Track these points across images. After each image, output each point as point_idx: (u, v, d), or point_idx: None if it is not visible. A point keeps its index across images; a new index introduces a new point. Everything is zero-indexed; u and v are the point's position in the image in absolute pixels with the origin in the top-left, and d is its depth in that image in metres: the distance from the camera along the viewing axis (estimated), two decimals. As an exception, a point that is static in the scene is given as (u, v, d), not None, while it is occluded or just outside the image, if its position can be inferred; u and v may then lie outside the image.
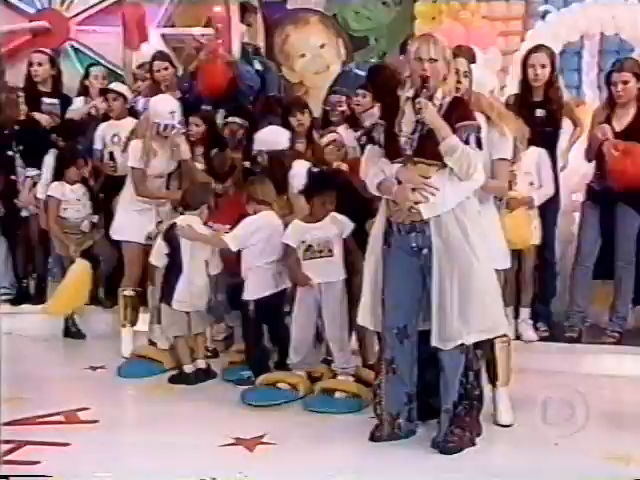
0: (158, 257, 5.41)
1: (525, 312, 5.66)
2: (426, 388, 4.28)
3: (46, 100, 7.02)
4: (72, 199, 6.32)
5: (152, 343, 5.73)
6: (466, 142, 4.02)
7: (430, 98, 4.05)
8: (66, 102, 7.13)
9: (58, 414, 4.71)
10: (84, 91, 7.21)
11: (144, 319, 5.92)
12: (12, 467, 4.01)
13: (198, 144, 6.15)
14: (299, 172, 5.43)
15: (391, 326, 4.20)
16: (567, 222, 6.08)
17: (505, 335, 4.39)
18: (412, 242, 4.10)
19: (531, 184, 5.57)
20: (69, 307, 6.27)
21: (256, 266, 5.09)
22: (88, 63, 8.08)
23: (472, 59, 6.62)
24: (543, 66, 5.68)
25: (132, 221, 5.79)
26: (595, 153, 5.57)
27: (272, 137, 5.73)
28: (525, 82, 5.79)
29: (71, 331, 6.40)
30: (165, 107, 5.78)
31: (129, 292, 5.85)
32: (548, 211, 5.68)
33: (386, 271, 4.19)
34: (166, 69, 6.89)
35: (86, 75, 7.32)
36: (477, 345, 4.21)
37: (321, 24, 9.77)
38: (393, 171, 4.09)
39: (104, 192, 6.52)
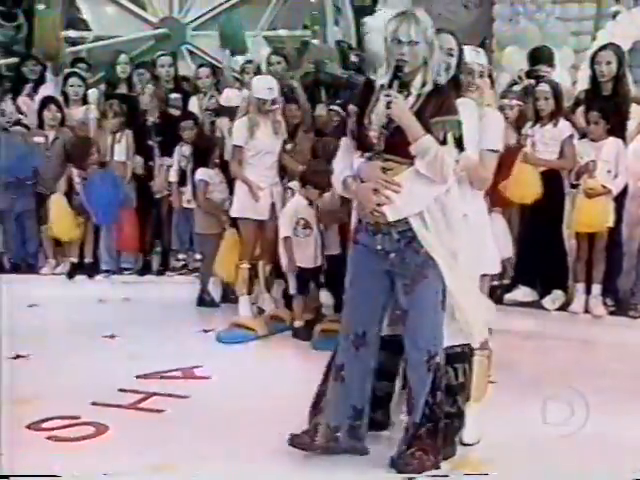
0: (287, 228, 5.49)
1: (597, 288, 5.54)
2: (373, 399, 3.52)
3: (171, 96, 7.19)
4: (217, 182, 6.35)
5: (261, 310, 5.87)
6: (443, 141, 3.22)
7: (406, 87, 3.26)
8: (185, 98, 7.27)
9: (177, 370, 4.81)
10: (194, 89, 7.36)
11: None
12: (143, 414, 4.17)
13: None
14: None
15: (348, 331, 3.42)
16: (635, 205, 5.94)
17: (486, 348, 3.66)
18: (378, 245, 3.33)
19: (609, 172, 5.46)
20: (229, 270, 6.22)
21: None
22: (199, 63, 8.25)
23: (550, 58, 6.60)
24: (609, 63, 5.60)
25: (248, 200, 5.75)
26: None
27: None
28: (594, 78, 5.72)
29: (205, 300, 6.48)
30: (264, 84, 5.81)
31: (245, 265, 5.84)
32: (617, 195, 5.53)
33: (350, 270, 3.46)
34: (279, 63, 7.01)
35: (196, 74, 7.46)
36: (457, 359, 3.50)
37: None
38: (356, 167, 3.35)
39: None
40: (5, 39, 9.30)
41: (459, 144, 3.29)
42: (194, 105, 7.21)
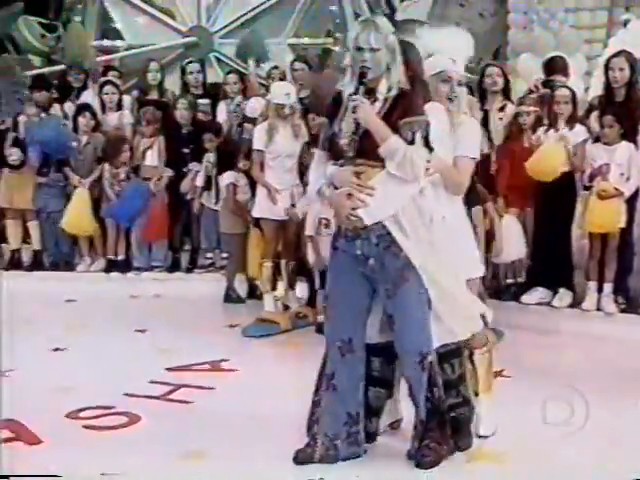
0: (310, 228, 5.50)
1: (608, 287, 5.52)
2: (365, 408, 3.39)
3: (201, 101, 7.22)
4: (242, 184, 6.38)
5: (286, 307, 5.90)
6: (411, 140, 3.12)
7: (372, 92, 3.18)
8: (214, 103, 7.32)
9: (205, 363, 4.84)
10: (223, 95, 7.39)
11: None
12: (173, 404, 4.19)
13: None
14: None
15: (334, 338, 3.30)
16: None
17: (484, 344, 3.58)
18: (357, 250, 3.21)
19: (621, 174, 5.44)
20: (253, 266, 6.28)
21: None
22: (227, 70, 8.29)
23: (564, 68, 6.59)
24: (621, 69, 5.60)
25: (268, 200, 5.76)
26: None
27: None
28: (608, 84, 5.72)
29: (231, 297, 6.51)
30: (281, 89, 5.84)
31: (268, 263, 5.87)
32: (629, 197, 5.50)
33: (331, 278, 3.35)
34: (302, 69, 7.05)
35: (225, 81, 7.52)
36: (452, 356, 3.35)
37: (425, 33, 9.65)
38: (328, 174, 3.25)
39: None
40: (46, 49, 9.45)
41: (427, 144, 3.17)
42: (222, 110, 7.26)
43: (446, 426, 3.31)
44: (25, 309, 6.22)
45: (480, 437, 3.54)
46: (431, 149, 3.18)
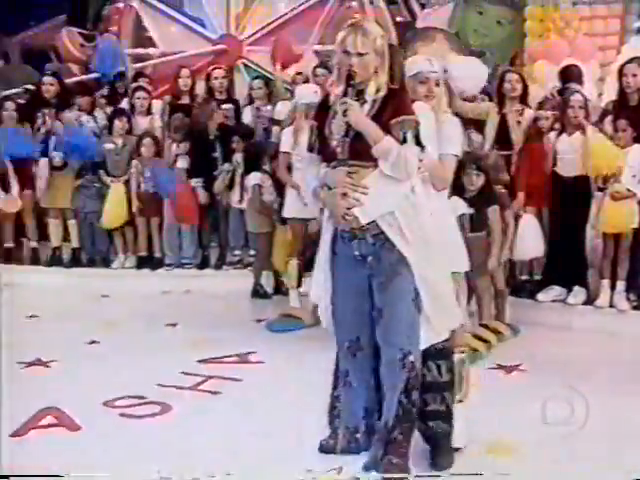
0: None
1: (621, 284, 5.48)
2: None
3: (224, 106, 7.26)
4: (267, 185, 6.38)
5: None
6: (403, 140, 3.02)
7: (361, 94, 3.07)
8: (237, 107, 7.34)
9: (233, 356, 4.86)
10: (249, 99, 7.41)
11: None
12: (202, 395, 4.22)
13: None
14: None
15: (342, 340, 3.24)
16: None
17: (461, 345, 3.41)
18: (355, 250, 3.11)
19: (633, 176, 5.40)
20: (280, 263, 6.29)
21: None
22: (253, 76, 8.32)
23: (579, 76, 6.56)
24: (634, 75, 5.60)
25: (297, 201, 5.74)
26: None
27: None
28: (621, 89, 5.72)
29: (258, 292, 6.51)
30: (308, 89, 5.86)
31: (294, 261, 5.85)
32: (641, 197, 5.50)
33: (333, 282, 3.22)
34: (323, 75, 7.05)
35: (251, 86, 7.54)
36: (438, 356, 3.20)
37: (445, 40, 9.60)
38: (321, 176, 3.15)
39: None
40: (85, 58, 9.58)
41: (418, 142, 3.07)
42: (247, 114, 7.27)
43: (411, 435, 3.11)
44: (65, 304, 6.31)
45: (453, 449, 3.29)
46: (423, 147, 3.10)
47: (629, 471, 3.16)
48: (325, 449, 3.34)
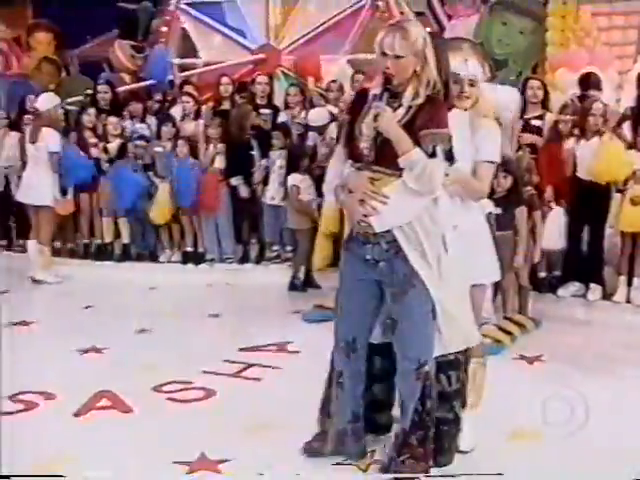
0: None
1: (638, 281, 5.42)
2: (374, 403, 3.20)
3: (262, 111, 7.29)
4: (306, 185, 6.41)
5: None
6: (432, 153, 2.79)
7: (397, 98, 2.84)
8: (275, 112, 7.36)
9: (272, 345, 4.87)
10: (285, 105, 7.43)
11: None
12: (244, 381, 4.26)
13: None
14: None
15: (340, 338, 3.08)
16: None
17: (480, 356, 3.22)
18: (367, 254, 2.93)
19: (654, 180, 5.36)
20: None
21: None
22: (290, 83, 8.34)
23: (598, 84, 6.49)
24: (651, 82, 5.52)
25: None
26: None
27: None
28: (639, 95, 5.72)
29: (296, 285, 6.51)
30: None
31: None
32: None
33: (341, 279, 3.09)
34: (358, 81, 7.07)
35: (287, 92, 7.54)
36: (449, 367, 3.06)
37: (471, 49, 9.48)
38: (344, 176, 2.96)
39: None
40: (135, 68, 9.71)
41: (449, 157, 2.85)
42: (283, 118, 7.29)
43: (428, 442, 2.99)
44: (116, 296, 6.39)
45: (460, 452, 3.17)
46: (452, 162, 2.87)
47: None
48: (311, 450, 3.17)
